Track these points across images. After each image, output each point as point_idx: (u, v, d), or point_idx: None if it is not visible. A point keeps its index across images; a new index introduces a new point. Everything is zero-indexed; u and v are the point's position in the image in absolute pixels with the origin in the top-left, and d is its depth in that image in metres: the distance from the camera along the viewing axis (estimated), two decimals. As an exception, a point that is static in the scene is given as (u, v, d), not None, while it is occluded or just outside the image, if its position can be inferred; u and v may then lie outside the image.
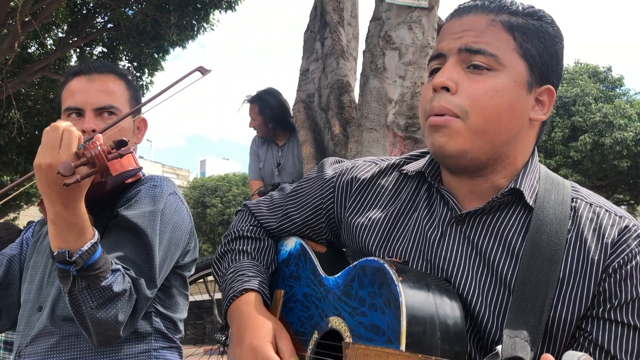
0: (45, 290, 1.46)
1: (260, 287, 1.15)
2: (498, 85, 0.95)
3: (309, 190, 1.23)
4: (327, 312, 1.05)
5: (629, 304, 0.92)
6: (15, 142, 9.25)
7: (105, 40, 9.55)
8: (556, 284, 0.93)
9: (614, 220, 0.97)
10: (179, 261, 1.53)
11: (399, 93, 3.72)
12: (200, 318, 8.85)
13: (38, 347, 1.39)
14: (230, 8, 8.89)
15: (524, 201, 0.99)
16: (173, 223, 1.47)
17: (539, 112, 1.01)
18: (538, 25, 0.99)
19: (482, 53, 0.96)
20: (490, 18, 0.98)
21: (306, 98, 4.53)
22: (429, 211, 1.07)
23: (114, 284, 1.24)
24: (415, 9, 3.80)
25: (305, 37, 4.81)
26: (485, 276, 0.98)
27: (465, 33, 0.98)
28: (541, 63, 0.98)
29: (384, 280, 0.92)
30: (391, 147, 3.63)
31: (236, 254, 1.24)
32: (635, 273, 0.92)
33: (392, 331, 0.87)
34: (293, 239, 1.25)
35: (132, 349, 1.43)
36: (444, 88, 0.97)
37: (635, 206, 18.99)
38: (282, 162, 4.08)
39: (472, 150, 0.96)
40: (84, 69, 1.55)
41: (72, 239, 1.18)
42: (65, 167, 1.06)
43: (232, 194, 24.56)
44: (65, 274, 1.20)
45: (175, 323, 1.55)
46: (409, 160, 1.16)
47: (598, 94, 16.72)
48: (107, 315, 1.24)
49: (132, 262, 1.35)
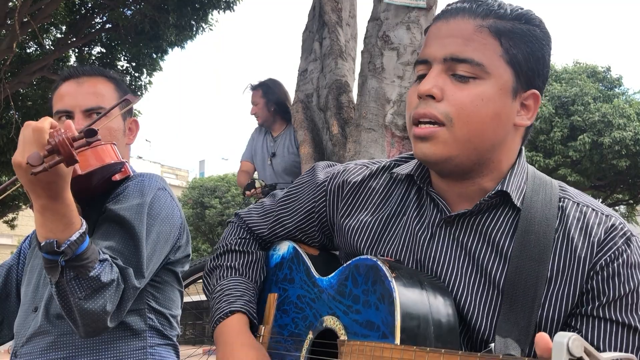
0: (40, 291, 1.47)
1: (245, 307, 1.16)
2: (484, 94, 0.95)
3: (301, 195, 1.25)
4: (322, 312, 1.06)
5: (617, 301, 0.93)
6: (13, 143, 9.23)
7: (104, 40, 9.54)
8: (545, 283, 0.95)
9: (600, 219, 0.98)
10: (170, 257, 1.53)
11: (397, 93, 3.72)
12: (199, 318, 8.85)
13: (34, 347, 1.40)
14: (228, 8, 8.88)
15: (512, 202, 1.00)
16: (162, 217, 1.47)
17: (523, 117, 1.01)
18: (525, 29, 0.98)
19: (468, 62, 0.95)
20: (477, 23, 0.97)
21: (305, 98, 4.53)
22: (419, 213, 1.08)
23: (102, 273, 1.23)
24: (413, 9, 3.80)
25: (303, 37, 4.81)
26: (475, 277, 0.99)
27: (452, 40, 0.97)
28: (527, 68, 0.98)
29: (378, 277, 0.93)
30: (389, 147, 3.63)
31: (224, 270, 1.26)
32: (622, 271, 0.93)
33: (386, 326, 0.89)
34: (286, 242, 1.26)
35: (127, 346, 1.43)
36: (429, 96, 0.97)
37: (634, 206, 19.00)
38: (276, 152, 4.24)
39: (457, 157, 0.97)
40: (73, 74, 1.58)
41: (60, 229, 1.17)
42: (33, 158, 1.07)
43: (231, 195, 24.56)
44: (52, 265, 1.18)
45: (170, 320, 1.56)
46: (399, 162, 1.17)
47: (597, 93, 16.72)
48: (95, 306, 1.23)
49: (119, 253, 1.35)
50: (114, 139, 1.53)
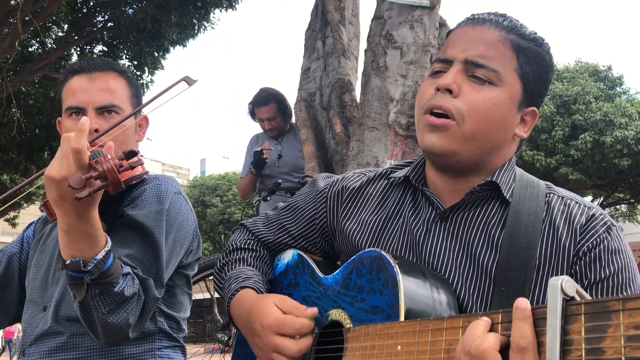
0: (50, 290, 1.46)
1: (255, 285, 1.18)
2: (495, 98, 1.04)
3: (303, 203, 1.31)
4: (327, 307, 1.09)
5: (598, 284, 0.99)
6: (15, 141, 9.26)
7: (106, 38, 9.54)
8: (534, 270, 1.01)
9: (582, 210, 1.05)
10: (182, 261, 1.53)
11: (400, 92, 3.71)
12: (201, 317, 8.85)
13: (42, 347, 1.40)
14: (230, 7, 8.87)
15: (502, 196, 1.08)
16: (178, 222, 1.47)
17: (521, 130, 1.11)
18: (539, 52, 1.09)
19: (485, 68, 1.04)
20: (502, 35, 1.06)
21: (307, 97, 4.53)
22: (415, 212, 1.15)
23: (125, 288, 1.23)
24: (416, 8, 3.79)
25: (306, 36, 4.81)
26: (469, 267, 1.06)
27: (475, 45, 1.06)
28: (534, 87, 1.08)
29: (382, 264, 0.98)
30: (392, 146, 3.63)
31: (233, 263, 1.29)
32: (603, 255, 1.00)
33: (391, 307, 0.93)
34: (290, 251, 1.30)
35: (136, 349, 1.43)
36: (448, 90, 1.05)
37: (635, 205, 18.98)
38: (283, 154, 4.14)
39: (460, 153, 1.05)
40: (84, 67, 1.52)
41: (86, 248, 1.16)
42: (76, 181, 1.05)
43: (232, 193, 24.55)
44: (77, 282, 1.18)
45: (179, 322, 1.56)
46: (395, 169, 1.25)
47: (598, 92, 16.70)
48: (118, 320, 1.24)
49: (139, 262, 1.34)
50: (126, 136, 1.51)
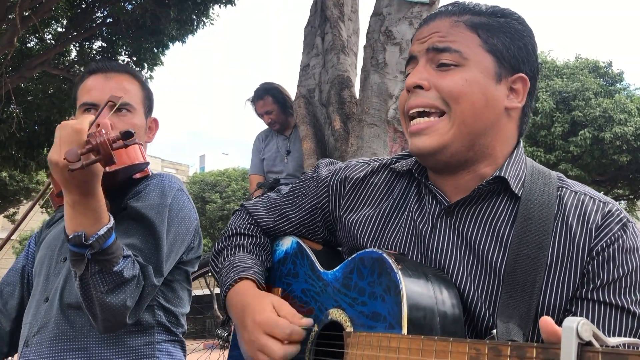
0: (51, 281, 1.50)
1: (254, 276, 1.18)
2: (465, 76, 1.03)
3: (305, 191, 1.29)
4: (327, 305, 1.07)
5: (611, 284, 0.95)
6: (14, 137, 9.24)
7: (105, 34, 9.51)
8: (544, 270, 0.97)
9: (597, 206, 1.01)
10: (183, 257, 1.57)
11: (399, 89, 3.71)
12: (200, 313, 8.87)
13: (45, 336, 1.42)
14: (230, 2, 8.85)
15: (511, 190, 1.04)
16: (180, 217, 1.52)
17: (514, 100, 1.07)
18: (503, 22, 1.07)
19: (447, 51, 1.04)
20: (453, 19, 1.07)
21: (307, 93, 4.53)
22: (419, 206, 1.12)
23: (124, 269, 1.27)
24: (416, 4, 3.79)
25: (305, 32, 4.81)
26: (476, 266, 1.02)
27: (432, 35, 1.07)
28: (509, 55, 1.06)
29: (384, 269, 0.94)
30: (392, 143, 3.63)
31: (232, 248, 1.29)
32: (617, 255, 0.96)
33: (393, 317, 0.90)
34: (289, 238, 1.28)
35: (135, 341, 1.46)
36: (418, 87, 1.05)
37: (634, 201, 19.00)
38: (292, 149, 4.14)
39: (451, 146, 1.02)
40: (101, 68, 1.62)
41: (89, 223, 1.22)
42: (71, 154, 1.11)
43: (232, 189, 24.56)
44: (79, 257, 1.23)
45: (178, 317, 1.59)
46: (399, 159, 1.22)
47: (598, 88, 16.67)
48: (116, 301, 1.27)
49: (140, 251, 1.39)
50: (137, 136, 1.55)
